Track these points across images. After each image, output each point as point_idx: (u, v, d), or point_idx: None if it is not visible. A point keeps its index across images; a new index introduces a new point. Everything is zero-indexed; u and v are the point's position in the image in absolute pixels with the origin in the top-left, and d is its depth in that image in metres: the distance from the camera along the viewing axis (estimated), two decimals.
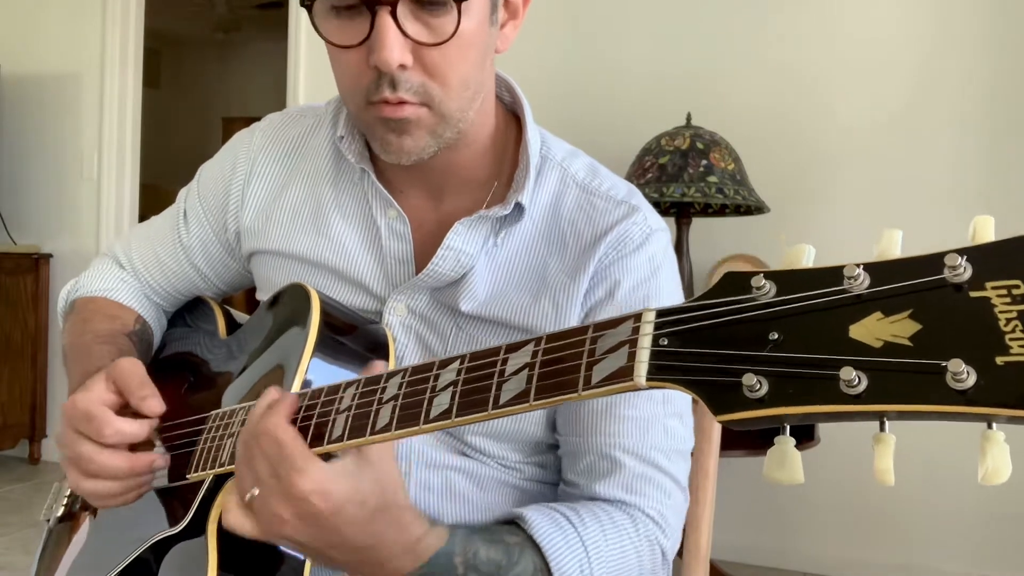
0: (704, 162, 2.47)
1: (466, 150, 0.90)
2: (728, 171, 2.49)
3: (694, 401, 0.85)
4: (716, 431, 1.13)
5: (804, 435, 2.49)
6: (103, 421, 0.79)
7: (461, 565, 0.72)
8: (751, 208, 2.59)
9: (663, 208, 2.65)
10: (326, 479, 0.62)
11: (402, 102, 0.80)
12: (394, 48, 0.76)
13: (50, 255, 3.95)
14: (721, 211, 2.75)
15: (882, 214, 2.79)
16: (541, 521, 0.80)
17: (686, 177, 2.45)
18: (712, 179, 2.45)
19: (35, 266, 3.90)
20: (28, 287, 3.87)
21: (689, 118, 2.67)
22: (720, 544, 2.11)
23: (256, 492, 0.62)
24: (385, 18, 0.76)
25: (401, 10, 0.76)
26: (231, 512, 0.66)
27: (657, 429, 0.88)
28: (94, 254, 3.80)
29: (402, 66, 0.78)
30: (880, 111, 2.84)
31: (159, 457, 0.81)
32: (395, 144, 0.83)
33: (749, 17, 2.98)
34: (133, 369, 0.82)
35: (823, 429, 2.53)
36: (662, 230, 0.92)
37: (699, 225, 2.80)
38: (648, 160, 2.57)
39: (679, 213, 2.67)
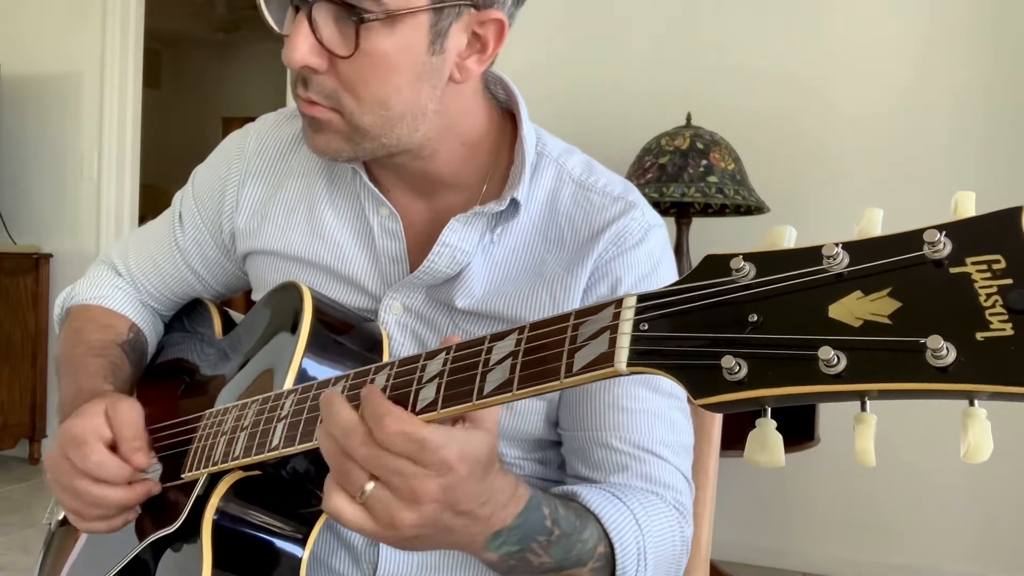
0: (704, 162, 2.47)
1: (434, 160, 0.88)
2: (728, 171, 2.48)
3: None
4: (716, 431, 1.12)
5: (804, 435, 2.48)
6: (91, 449, 0.79)
7: (548, 516, 0.71)
8: (751, 208, 2.58)
9: (663, 208, 2.64)
10: (464, 439, 0.60)
11: (312, 102, 0.80)
12: (297, 48, 0.76)
13: (50, 255, 3.95)
14: (721, 211, 2.75)
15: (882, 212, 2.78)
16: (595, 496, 0.80)
17: (686, 177, 2.45)
18: (712, 179, 2.44)
19: (35, 266, 3.90)
20: (28, 287, 3.87)
21: (689, 118, 2.66)
22: (720, 544, 2.10)
23: (371, 487, 0.59)
24: (300, 17, 0.76)
25: (322, 14, 0.76)
26: (333, 497, 0.61)
27: (663, 423, 0.88)
28: (94, 254, 3.80)
29: (312, 69, 0.78)
30: (878, 109, 2.83)
31: (155, 485, 0.81)
32: (309, 140, 0.84)
33: (749, 18, 2.97)
34: (130, 418, 0.82)
35: (823, 429, 2.52)
36: (659, 226, 0.92)
37: (699, 225, 2.79)
38: (648, 160, 2.56)
39: (679, 213, 2.66)
